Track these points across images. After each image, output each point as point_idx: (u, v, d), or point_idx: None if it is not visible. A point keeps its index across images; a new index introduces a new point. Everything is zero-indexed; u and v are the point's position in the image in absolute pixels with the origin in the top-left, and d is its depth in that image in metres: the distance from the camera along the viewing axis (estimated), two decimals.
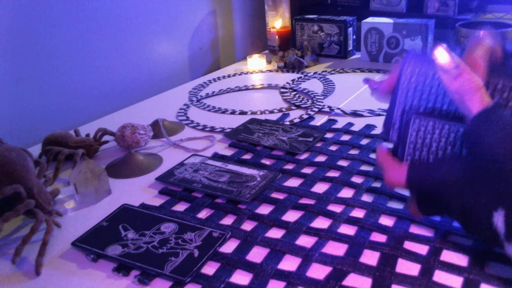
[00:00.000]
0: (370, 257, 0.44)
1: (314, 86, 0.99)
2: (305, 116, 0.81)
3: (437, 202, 0.42)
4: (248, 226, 0.51)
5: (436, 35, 1.14)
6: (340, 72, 1.09)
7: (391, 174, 0.44)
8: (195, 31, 1.17)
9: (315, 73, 1.09)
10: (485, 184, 0.37)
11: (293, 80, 1.04)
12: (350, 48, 1.22)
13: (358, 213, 0.52)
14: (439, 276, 0.41)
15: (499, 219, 0.36)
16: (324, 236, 0.48)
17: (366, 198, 0.55)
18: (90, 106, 0.92)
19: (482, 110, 0.37)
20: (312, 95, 0.92)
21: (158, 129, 0.76)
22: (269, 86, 1.01)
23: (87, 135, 0.73)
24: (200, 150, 0.71)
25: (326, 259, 0.44)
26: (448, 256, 0.44)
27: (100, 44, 0.92)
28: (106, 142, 0.74)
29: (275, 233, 0.49)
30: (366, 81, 0.50)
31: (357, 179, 0.59)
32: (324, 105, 0.86)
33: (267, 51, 1.33)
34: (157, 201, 0.57)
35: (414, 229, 0.48)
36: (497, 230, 0.36)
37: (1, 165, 0.52)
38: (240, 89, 1.01)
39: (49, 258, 0.48)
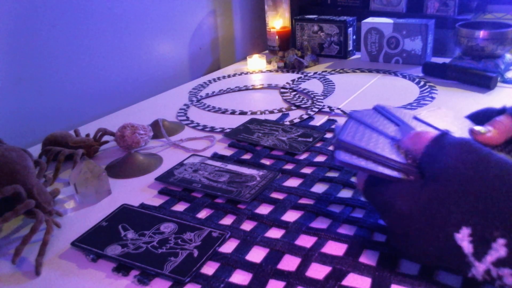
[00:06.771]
0: (369, 257, 0.44)
1: (314, 86, 1.00)
2: (305, 116, 0.81)
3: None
4: (247, 226, 0.51)
5: (436, 35, 1.14)
6: (340, 72, 1.09)
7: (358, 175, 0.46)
8: (195, 31, 1.17)
9: (315, 73, 1.09)
10: (443, 207, 0.36)
11: (293, 80, 1.04)
12: (350, 48, 1.22)
13: (358, 213, 0.52)
14: (439, 275, 0.41)
15: (463, 239, 0.35)
16: (323, 236, 0.48)
17: None
18: (90, 106, 0.92)
19: (433, 138, 0.41)
20: (312, 95, 0.92)
21: (158, 129, 0.77)
22: (269, 86, 1.02)
23: (87, 135, 0.73)
24: (200, 150, 0.71)
25: (326, 259, 0.44)
26: None
27: (100, 44, 0.92)
28: (106, 142, 0.74)
29: (275, 233, 0.49)
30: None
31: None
32: (324, 105, 0.86)
33: (267, 51, 1.33)
34: (157, 201, 0.57)
35: None
36: (463, 251, 0.35)
37: (1, 165, 0.52)
38: (240, 89, 1.01)
39: (49, 258, 0.48)
